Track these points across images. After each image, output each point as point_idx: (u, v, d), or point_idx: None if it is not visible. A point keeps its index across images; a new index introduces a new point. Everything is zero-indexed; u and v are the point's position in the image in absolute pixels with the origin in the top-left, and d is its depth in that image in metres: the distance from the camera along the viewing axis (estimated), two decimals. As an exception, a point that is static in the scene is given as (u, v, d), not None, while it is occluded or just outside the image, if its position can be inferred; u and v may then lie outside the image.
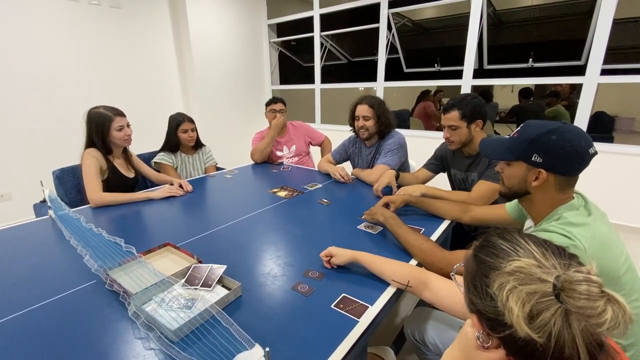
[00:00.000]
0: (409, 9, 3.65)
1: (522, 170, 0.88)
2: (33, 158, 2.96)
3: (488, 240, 0.53)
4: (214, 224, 1.38)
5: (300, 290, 0.93)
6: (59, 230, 1.35)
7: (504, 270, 0.45)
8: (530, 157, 0.85)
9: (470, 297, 0.50)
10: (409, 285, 0.89)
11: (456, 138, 1.54)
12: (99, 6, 3.20)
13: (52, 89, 3.01)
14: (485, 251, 0.51)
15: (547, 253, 0.46)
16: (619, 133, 4.12)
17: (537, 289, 0.42)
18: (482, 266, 0.49)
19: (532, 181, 0.86)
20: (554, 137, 0.81)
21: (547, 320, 0.40)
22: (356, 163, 2.17)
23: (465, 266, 0.55)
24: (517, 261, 0.45)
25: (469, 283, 0.51)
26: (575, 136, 0.81)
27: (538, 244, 0.48)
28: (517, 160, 0.89)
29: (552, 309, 0.41)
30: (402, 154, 1.95)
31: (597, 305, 0.39)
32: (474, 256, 0.53)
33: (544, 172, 0.84)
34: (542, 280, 0.43)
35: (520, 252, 0.47)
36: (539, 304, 0.41)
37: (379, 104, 1.92)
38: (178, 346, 0.72)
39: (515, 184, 0.91)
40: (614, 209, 2.71)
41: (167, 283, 0.91)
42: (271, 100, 2.49)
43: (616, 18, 2.51)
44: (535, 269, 0.44)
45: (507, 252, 0.48)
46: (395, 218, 1.21)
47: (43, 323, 0.82)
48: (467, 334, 0.52)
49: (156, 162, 2.13)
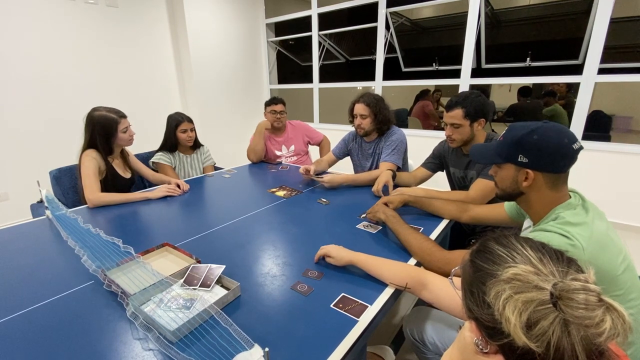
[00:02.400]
0: (407, 8, 3.65)
1: (512, 171, 0.90)
2: (30, 158, 2.95)
3: (484, 245, 0.52)
4: (212, 224, 1.38)
5: (300, 290, 0.93)
6: (56, 230, 1.34)
7: (500, 278, 0.45)
8: (517, 158, 0.87)
9: (468, 303, 0.50)
10: (408, 287, 0.89)
11: (458, 136, 1.54)
12: (95, 5, 3.19)
13: (48, 89, 2.99)
14: (481, 257, 0.50)
15: (545, 258, 0.46)
16: (616, 132, 4.14)
17: (534, 297, 0.41)
18: (479, 273, 0.49)
19: (523, 181, 0.88)
20: (536, 137, 0.84)
21: (546, 329, 0.39)
22: (356, 158, 2.17)
23: (462, 271, 0.55)
24: (514, 268, 0.45)
25: (466, 289, 0.51)
26: (556, 133, 0.83)
27: (535, 249, 0.48)
28: (505, 163, 0.91)
29: (550, 317, 0.40)
30: (404, 151, 1.96)
31: (596, 314, 0.38)
32: (470, 261, 0.52)
33: (531, 172, 0.86)
34: (539, 288, 0.42)
35: (517, 258, 0.46)
36: (536, 313, 0.40)
37: (376, 102, 1.92)
38: (177, 347, 0.72)
39: (508, 186, 0.93)
40: (611, 208, 2.71)
41: (165, 283, 0.91)
42: (271, 100, 2.47)
43: (613, 17, 2.51)
44: (533, 276, 0.43)
45: (504, 258, 0.47)
46: (397, 217, 1.22)
47: (41, 324, 0.82)
48: (466, 338, 0.51)
49: (154, 162, 2.12)
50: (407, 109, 4.86)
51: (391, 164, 1.88)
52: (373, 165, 2.07)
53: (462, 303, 0.53)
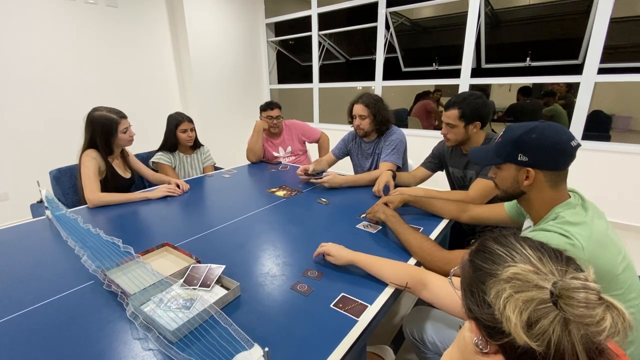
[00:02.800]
0: (407, 8, 3.65)
1: (512, 171, 0.90)
2: (30, 158, 2.95)
3: (484, 244, 0.52)
4: (212, 224, 1.38)
5: (300, 290, 0.93)
6: (56, 230, 1.34)
7: (500, 277, 0.45)
8: (517, 157, 0.88)
9: (468, 303, 0.50)
10: (408, 287, 0.90)
11: (452, 136, 1.55)
12: (95, 5, 3.19)
13: (48, 89, 2.99)
14: (481, 256, 0.50)
15: (544, 257, 0.46)
16: (616, 132, 4.14)
17: (534, 296, 0.41)
18: (479, 273, 0.49)
19: (524, 180, 0.89)
20: (535, 135, 0.85)
21: (546, 327, 0.39)
22: (356, 158, 2.17)
23: (461, 271, 0.54)
24: (513, 267, 0.45)
25: (466, 289, 0.51)
26: (554, 131, 0.84)
27: (534, 248, 0.48)
28: (505, 163, 0.92)
29: (550, 316, 0.40)
30: (403, 151, 1.96)
31: (596, 313, 0.38)
32: (470, 261, 0.52)
33: (532, 170, 0.86)
34: (539, 287, 0.42)
35: (517, 257, 0.47)
36: (537, 312, 0.40)
37: (375, 103, 1.91)
38: (177, 346, 0.72)
39: (509, 186, 0.93)
40: (611, 208, 2.72)
41: (165, 283, 0.91)
42: (267, 105, 2.44)
43: (613, 17, 2.51)
44: (532, 275, 0.43)
45: (503, 257, 0.47)
46: (397, 216, 1.22)
47: (41, 323, 0.82)
48: (465, 338, 0.51)
49: (154, 162, 2.12)
50: (407, 109, 4.86)
51: (391, 164, 1.88)
52: (372, 166, 2.06)
53: (462, 303, 0.53)
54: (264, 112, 2.45)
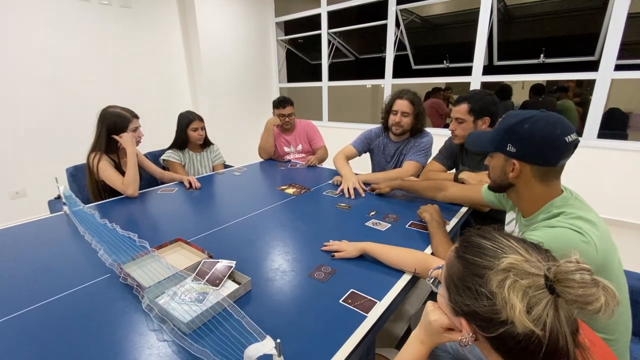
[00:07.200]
0: (417, 5, 3.62)
1: (501, 161, 0.86)
2: (47, 156, 3.03)
3: (469, 241, 0.52)
4: (223, 220, 1.40)
5: (309, 285, 0.94)
6: (73, 225, 1.38)
7: (499, 268, 0.46)
8: (506, 147, 0.83)
9: (460, 299, 0.50)
10: (417, 272, 0.95)
11: (460, 132, 1.54)
12: (109, 6, 3.25)
13: (64, 87, 3.07)
14: (471, 251, 0.51)
15: (529, 248, 0.48)
16: (633, 130, 4.02)
17: (532, 282, 0.43)
18: (472, 267, 0.49)
19: (510, 172, 0.84)
20: (527, 126, 0.79)
21: (540, 312, 0.41)
22: (375, 157, 2.12)
23: (448, 270, 0.54)
24: (508, 258, 0.46)
25: (458, 286, 0.51)
26: (549, 124, 0.77)
27: (517, 240, 0.49)
28: (496, 152, 0.88)
29: (543, 301, 0.42)
30: (430, 155, 1.93)
31: (592, 291, 0.40)
32: (458, 258, 0.52)
33: (517, 163, 0.82)
34: (534, 275, 0.44)
35: (506, 250, 0.48)
36: (534, 297, 0.42)
37: (419, 102, 1.86)
38: (191, 338, 0.74)
39: (498, 176, 0.90)
40: (628, 208, 2.66)
41: (179, 277, 0.93)
42: (279, 103, 2.43)
43: (631, 12, 2.45)
44: (525, 264, 0.45)
45: (494, 250, 0.48)
46: (440, 223, 1.18)
47: (59, 315, 0.85)
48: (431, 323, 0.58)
49: (164, 160, 2.16)
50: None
51: (417, 164, 1.84)
52: (395, 166, 2.02)
53: (447, 303, 0.54)
54: (276, 109, 2.46)
